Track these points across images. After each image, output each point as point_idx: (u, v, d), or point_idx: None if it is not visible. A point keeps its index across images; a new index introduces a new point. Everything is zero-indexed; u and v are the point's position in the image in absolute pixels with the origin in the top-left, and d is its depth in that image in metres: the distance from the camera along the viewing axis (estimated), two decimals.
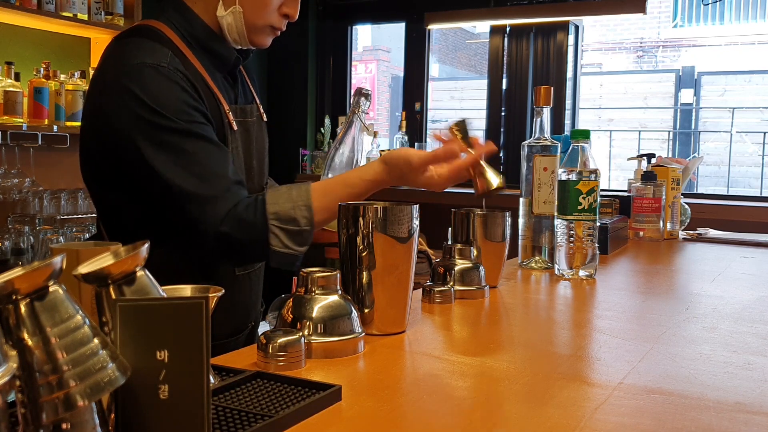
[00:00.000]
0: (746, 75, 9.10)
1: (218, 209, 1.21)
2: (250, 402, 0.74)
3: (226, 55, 1.37)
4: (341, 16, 4.67)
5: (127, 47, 1.26)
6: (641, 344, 1.03)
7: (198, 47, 1.32)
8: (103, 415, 0.56)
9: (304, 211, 1.23)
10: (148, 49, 1.24)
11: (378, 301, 1.02)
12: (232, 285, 1.38)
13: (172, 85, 1.22)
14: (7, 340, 0.51)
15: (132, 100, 1.20)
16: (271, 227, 1.22)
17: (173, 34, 1.30)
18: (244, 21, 1.33)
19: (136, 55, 1.23)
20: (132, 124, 1.20)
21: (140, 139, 1.20)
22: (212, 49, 1.34)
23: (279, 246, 1.23)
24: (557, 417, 0.74)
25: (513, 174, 4.13)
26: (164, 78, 1.22)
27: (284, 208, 1.23)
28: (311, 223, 1.24)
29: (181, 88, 1.23)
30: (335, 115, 4.58)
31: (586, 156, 1.51)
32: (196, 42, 1.33)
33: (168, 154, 1.21)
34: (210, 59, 1.34)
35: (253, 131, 1.43)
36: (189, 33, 1.32)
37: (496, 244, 1.38)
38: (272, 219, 1.22)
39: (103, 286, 0.63)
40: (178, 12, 1.33)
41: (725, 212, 3.16)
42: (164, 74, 1.22)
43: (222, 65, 1.37)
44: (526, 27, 4.07)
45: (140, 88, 1.20)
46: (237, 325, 1.43)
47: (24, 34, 3.19)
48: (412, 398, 0.79)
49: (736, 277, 1.68)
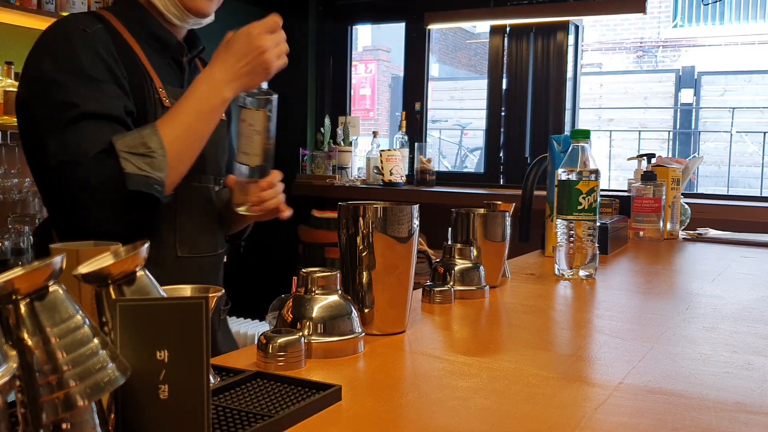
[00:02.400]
0: (746, 75, 9.11)
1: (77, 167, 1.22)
2: (250, 402, 0.74)
3: (166, 37, 1.44)
4: (341, 16, 4.66)
5: (62, 18, 1.38)
6: (641, 344, 1.03)
7: (141, 32, 1.41)
8: (103, 415, 0.56)
9: (152, 136, 1.23)
10: (80, 18, 1.36)
11: (378, 301, 1.02)
12: (176, 268, 1.39)
13: (92, 46, 1.30)
14: (7, 340, 0.51)
15: (47, 55, 1.29)
16: (120, 154, 1.21)
17: (114, 18, 1.39)
18: None
19: (67, 19, 1.35)
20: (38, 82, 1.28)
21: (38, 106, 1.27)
22: (152, 31, 1.42)
23: (132, 169, 1.21)
24: (557, 417, 0.74)
25: (513, 174, 4.13)
26: (86, 40, 1.30)
27: (132, 139, 1.23)
28: (161, 145, 1.23)
29: (98, 49, 1.31)
30: (335, 115, 4.58)
31: (586, 156, 1.51)
32: (139, 27, 1.41)
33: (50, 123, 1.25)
34: (151, 43, 1.42)
35: None
36: (131, 18, 1.41)
37: (496, 244, 1.38)
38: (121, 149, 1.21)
39: (103, 286, 0.63)
40: (124, 1, 1.44)
41: (725, 212, 3.16)
42: (87, 37, 1.30)
43: (163, 49, 1.44)
44: (526, 27, 4.07)
45: (62, 44, 1.29)
46: None
47: (24, 34, 3.19)
48: (412, 398, 0.79)
49: (736, 277, 1.68)
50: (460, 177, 4.75)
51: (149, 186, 1.21)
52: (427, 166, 4.15)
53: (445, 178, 4.30)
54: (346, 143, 4.29)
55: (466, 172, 7.13)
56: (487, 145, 4.26)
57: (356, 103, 9.88)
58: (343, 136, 4.31)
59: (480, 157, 8.01)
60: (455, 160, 9.04)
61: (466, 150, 9.02)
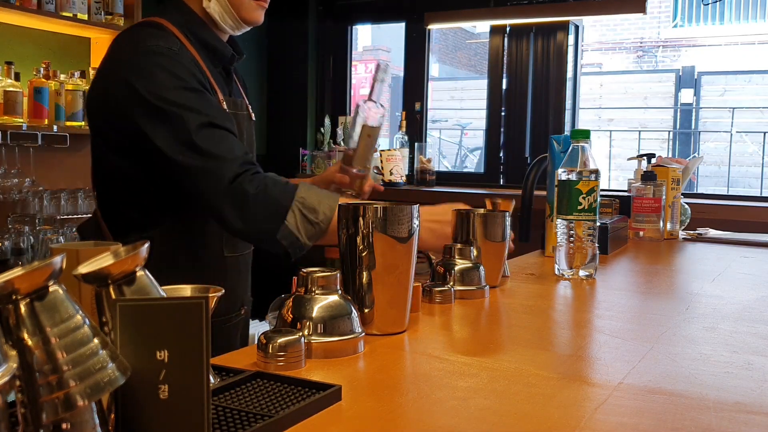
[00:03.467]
0: (746, 75, 9.10)
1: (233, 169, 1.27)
2: (250, 402, 0.74)
3: (221, 49, 1.46)
4: (341, 16, 4.66)
5: (141, 34, 1.36)
6: (641, 344, 1.03)
7: (196, 42, 1.42)
8: (103, 415, 0.56)
9: (327, 209, 1.27)
10: (161, 36, 1.34)
11: (378, 301, 1.02)
12: (220, 266, 1.47)
13: (185, 66, 1.32)
14: (7, 340, 0.51)
15: (149, 78, 1.29)
16: (295, 204, 1.26)
17: (174, 29, 1.39)
18: (230, 3, 1.42)
19: (150, 39, 1.33)
20: (139, 100, 1.28)
21: (143, 118, 1.28)
22: (209, 43, 1.44)
23: (293, 225, 1.25)
24: (557, 417, 0.74)
25: (513, 174, 4.13)
26: (177, 61, 1.31)
27: (311, 198, 1.27)
28: (328, 222, 1.27)
29: (192, 70, 1.33)
30: (335, 115, 4.58)
31: (586, 156, 1.51)
32: (195, 37, 1.42)
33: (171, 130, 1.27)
34: (207, 54, 1.44)
35: (243, 124, 1.52)
36: (188, 29, 1.41)
37: (496, 244, 1.38)
38: (298, 200, 1.26)
39: (103, 286, 0.63)
40: (177, 9, 1.43)
41: (725, 212, 3.16)
42: (177, 59, 1.32)
43: (218, 60, 1.47)
44: (526, 27, 4.07)
45: (160, 67, 1.29)
46: (227, 307, 1.51)
47: (24, 34, 3.19)
48: (412, 398, 0.79)
49: (736, 277, 1.68)
50: (460, 177, 4.75)
51: (293, 247, 1.27)
52: (427, 166, 4.14)
53: (445, 178, 4.30)
54: (346, 143, 4.29)
55: (466, 172, 7.13)
56: (487, 145, 4.26)
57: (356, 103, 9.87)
58: (343, 136, 4.31)
59: (480, 157, 8.00)
60: (455, 160, 9.04)
61: (466, 150, 9.01)
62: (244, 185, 1.26)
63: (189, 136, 1.26)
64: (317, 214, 1.26)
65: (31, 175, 3.12)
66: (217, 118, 1.30)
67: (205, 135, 1.27)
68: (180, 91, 1.28)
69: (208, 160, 1.26)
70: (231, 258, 1.50)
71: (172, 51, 1.32)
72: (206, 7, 1.42)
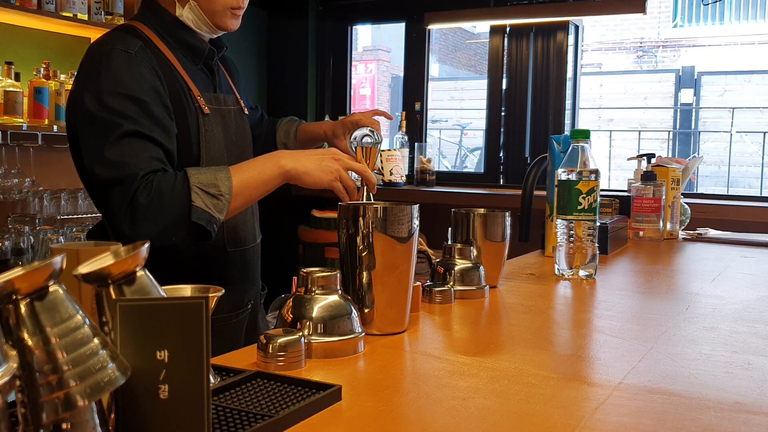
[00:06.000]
0: (746, 75, 9.10)
1: (127, 186, 1.29)
2: (250, 402, 0.74)
3: (199, 46, 1.49)
4: (341, 16, 4.66)
5: (106, 38, 1.41)
6: (641, 344, 1.03)
7: (172, 41, 1.46)
8: (103, 415, 0.56)
9: (224, 179, 1.31)
10: (123, 39, 1.38)
11: (378, 301, 1.02)
12: (223, 262, 1.49)
13: (135, 68, 1.35)
14: (7, 340, 0.51)
15: (95, 81, 1.33)
16: (193, 187, 1.29)
17: (149, 30, 1.44)
18: (203, 11, 1.45)
19: (111, 42, 1.37)
20: (87, 106, 1.32)
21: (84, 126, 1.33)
22: (185, 41, 1.47)
23: (200, 203, 1.29)
24: (557, 417, 0.74)
25: (513, 174, 4.13)
26: (128, 65, 1.34)
27: (206, 177, 1.31)
28: (230, 191, 1.30)
29: (145, 75, 1.36)
30: (335, 115, 4.58)
31: (586, 156, 1.51)
32: (170, 36, 1.46)
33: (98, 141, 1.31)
34: (184, 51, 1.47)
35: (231, 119, 1.54)
36: (163, 29, 1.46)
37: (496, 244, 1.38)
38: (194, 182, 1.29)
39: (103, 286, 0.63)
40: (151, 10, 1.48)
41: (725, 212, 3.16)
42: (128, 62, 1.35)
43: (195, 56, 1.50)
44: (526, 27, 4.06)
45: (108, 70, 1.33)
46: (234, 302, 1.53)
47: (24, 34, 3.19)
48: (412, 398, 0.79)
49: (736, 277, 1.68)
50: (460, 177, 4.75)
51: (210, 223, 1.30)
52: (427, 166, 4.14)
53: (445, 178, 4.30)
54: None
55: (466, 172, 7.12)
56: (487, 145, 4.26)
57: (356, 103, 9.88)
58: None
59: (480, 157, 8.00)
60: (455, 160, 9.04)
61: (466, 150, 9.01)
62: (137, 196, 1.27)
63: (106, 147, 1.29)
64: (218, 187, 1.30)
65: (31, 175, 3.11)
66: (145, 126, 1.31)
67: (123, 145, 1.29)
68: (117, 97, 1.31)
69: (114, 174, 1.28)
70: (234, 253, 1.52)
71: (127, 54, 1.35)
72: (179, 15, 1.46)
